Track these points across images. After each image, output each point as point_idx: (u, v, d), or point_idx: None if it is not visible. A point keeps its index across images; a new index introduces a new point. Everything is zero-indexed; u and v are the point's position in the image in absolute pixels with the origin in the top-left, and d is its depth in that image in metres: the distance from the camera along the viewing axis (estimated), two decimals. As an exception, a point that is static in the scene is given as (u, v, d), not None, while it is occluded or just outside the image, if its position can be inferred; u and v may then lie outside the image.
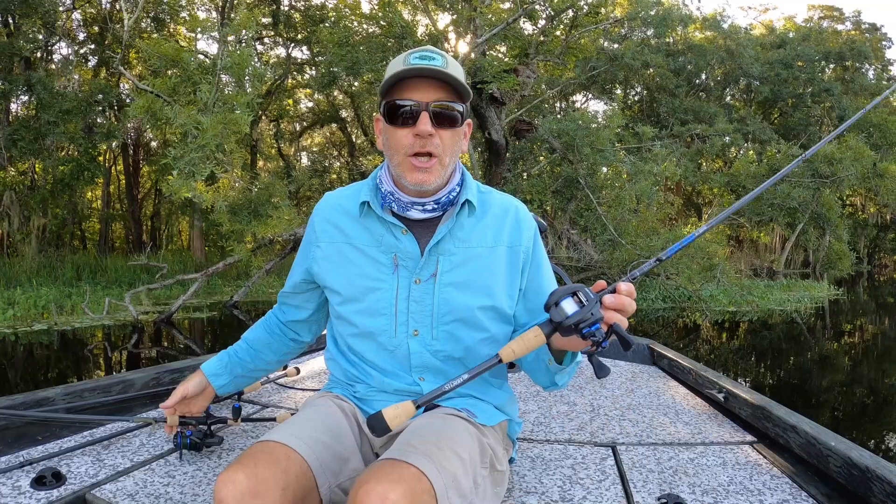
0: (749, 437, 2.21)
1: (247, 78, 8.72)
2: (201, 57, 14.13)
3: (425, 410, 1.42)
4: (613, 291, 1.20)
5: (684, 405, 2.72)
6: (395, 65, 1.38)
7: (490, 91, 13.26)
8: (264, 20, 18.60)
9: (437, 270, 1.43)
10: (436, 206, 1.45)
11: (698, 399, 2.83)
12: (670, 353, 3.50)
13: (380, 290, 1.45)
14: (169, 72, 9.76)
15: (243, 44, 9.25)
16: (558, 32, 16.40)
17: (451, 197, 1.46)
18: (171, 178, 8.53)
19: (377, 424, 1.17)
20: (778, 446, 2.05)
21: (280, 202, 10.86)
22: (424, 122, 1.34)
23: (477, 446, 1.36)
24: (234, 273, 15.28)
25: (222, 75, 8.73)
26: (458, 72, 1.38)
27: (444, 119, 1.37)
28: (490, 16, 14.38)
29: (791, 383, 7.18)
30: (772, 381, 7.37)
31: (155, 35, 18.69)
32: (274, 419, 2.20)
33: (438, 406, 1.47)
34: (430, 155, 1.37)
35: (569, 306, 1.18)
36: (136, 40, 15.00)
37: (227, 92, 8.73)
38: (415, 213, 1.45)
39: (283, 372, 2.92)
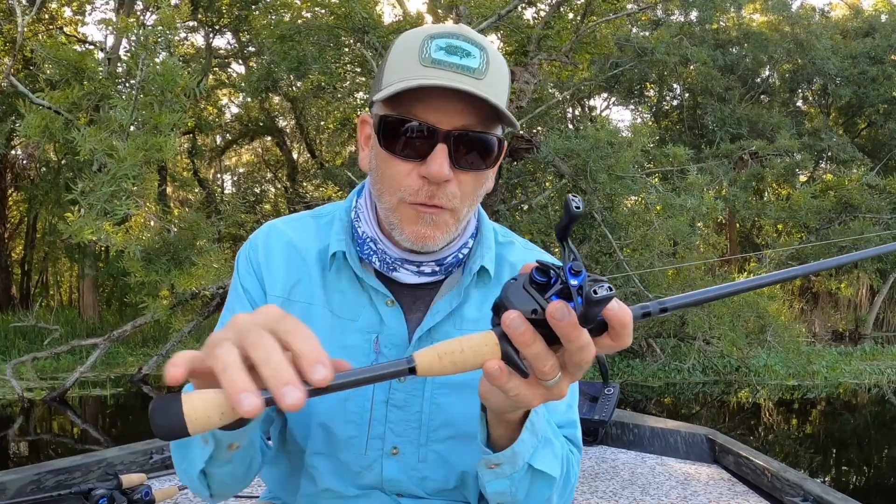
0: None
1: (171, 93, 9.27)
2: (100, 54, 14.52)
3: None
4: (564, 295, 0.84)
5: (758, 519, 2.65)
6: (408, 55, 1.23)
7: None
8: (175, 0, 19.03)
9: None
10: (437, 270, 1.37)
11: None
12: (737, 447, 3.52)
13: None
14: (48, 69, 10.06)
15: (168, 49, 9.90)
16: (570, 15, 16.46)
17: (459, 257, 1.38)
18: (71, 217, 8.80)
19: (164, 421, 0.77)
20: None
21: (206, 245, 11.31)
22: (439, 162, 1.20)
23: None
24: (140, 338, 15.87)
25: (141, 88, 9.11)
26: (501, 78, 1.26)
27: (469, 155, 1.24)
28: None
29: (885, 484, 7.50)
30: (857, 480, 7.68)
31: (28, 16, 19.55)
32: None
33: None
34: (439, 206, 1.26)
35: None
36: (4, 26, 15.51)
37: (147, 107, 9.06)
38: (404, 276, 1.36)
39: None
